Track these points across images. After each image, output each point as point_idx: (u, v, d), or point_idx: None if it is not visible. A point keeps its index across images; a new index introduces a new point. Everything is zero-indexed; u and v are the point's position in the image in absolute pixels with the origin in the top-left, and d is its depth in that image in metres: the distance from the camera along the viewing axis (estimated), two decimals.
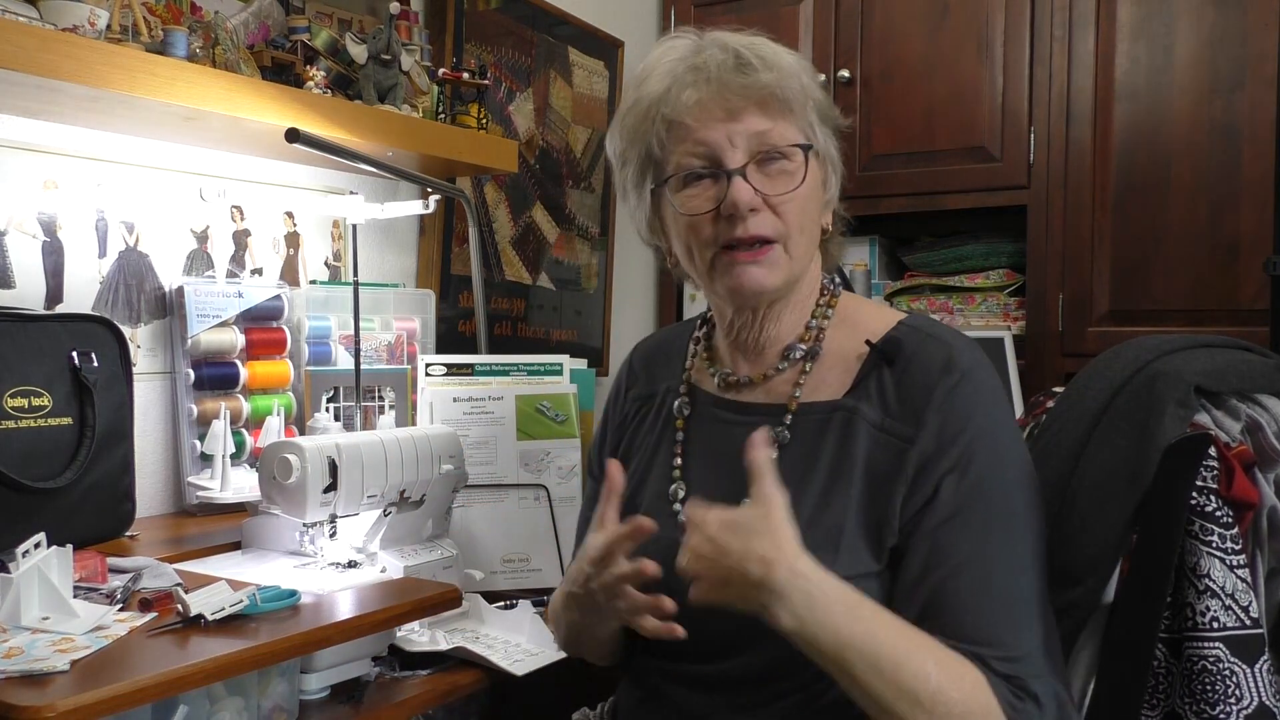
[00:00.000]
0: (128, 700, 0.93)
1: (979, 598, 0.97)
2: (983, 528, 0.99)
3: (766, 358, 1.13)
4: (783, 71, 1.05)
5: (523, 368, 1.79)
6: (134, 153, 1.68)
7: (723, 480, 1.08)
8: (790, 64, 1.07)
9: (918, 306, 2.60)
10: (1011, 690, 0.95)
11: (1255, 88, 2.16)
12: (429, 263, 2.22)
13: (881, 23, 2.58)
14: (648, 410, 1.23)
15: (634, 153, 1.10)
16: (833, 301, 1.13)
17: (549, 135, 2.54)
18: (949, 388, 1.02)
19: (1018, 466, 1.03)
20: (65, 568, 1.10)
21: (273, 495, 1.36)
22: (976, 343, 1.09)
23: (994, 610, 0.97)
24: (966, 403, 1.02)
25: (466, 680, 1.35)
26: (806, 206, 1.06)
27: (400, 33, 1.81)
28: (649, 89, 1.07)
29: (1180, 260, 2.25)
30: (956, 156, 2.50)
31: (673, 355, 1.24)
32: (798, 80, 1.06)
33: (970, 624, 0.96)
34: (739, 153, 1.04)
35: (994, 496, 1.00)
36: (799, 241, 1.06)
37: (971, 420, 1.01)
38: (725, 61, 1.04)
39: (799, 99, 1.05)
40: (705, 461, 1.14)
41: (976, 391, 1.03)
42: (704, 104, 1.03)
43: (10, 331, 1.36)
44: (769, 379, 1.12)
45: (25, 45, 1.24)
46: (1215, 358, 1.15)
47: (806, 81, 1.07)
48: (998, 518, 0.99)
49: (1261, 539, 1.08)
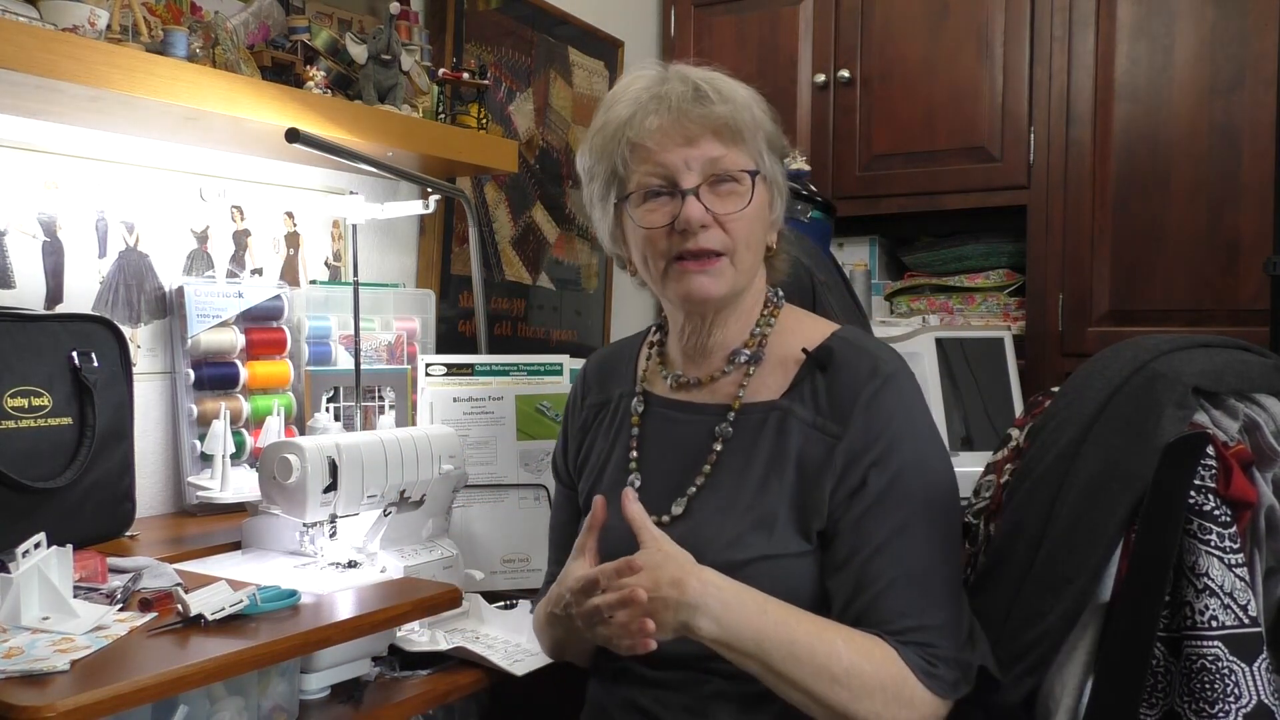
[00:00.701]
0: (128, 700, 0.93)
1: (896, 575, 1.09)
2: (901, 514, 1.10)
3: (713, 361, 1.24)
4: (736, 104, 1.16)
5: (523, 368, 1.79)
6: (134, 153, 1.68)
7: (674, 471, 1.21)
8: (744, 97, 1.17)
9: (918, 306, 2.60)
10: (925, 659, 1.06)
11: (1255, 88, 2.16)
12: (429, 263, 2.23)
13: (881, 23, 2.58)
14: (604, 415, 1.33)
15: (600, 169, 1.21)
16: (775, 312, 1.25)
17: (549, 135, 2.54)
18: (873, 391, 1.13)
19: (935, 462, 1.15)
20: (65, 568, 1.10)
21: (273, 495, 1.36)
22: (899, 355, 1.20)
23: (909, 587, 1.08)
24: (889, 404, 1.13)
25: (466, 680, 1.35)
26: (753, 225, 1.17)
27: (400, 33, 1.82)
28: (616, 113, 1.18)
29: (1180, 260, 2.25)
30: (956, 156, 2.50)
31: (624, 363, 1.35)
32: (750, 112, 1.17)
33: (889, 599, 1.08)
34: (694, 175, 1.14)
35: (912, 487, 1.11)
36: (744, 256, 1.17)
37: (894, 420, 1.13)
38: (685, 93, 1.15)
39: (750, 129, 1.16)
40: (658, 455, 1.24)
41: (899, 395, 1.14)
42: (664, 130, 1.14)
43: (10, 331, 1.36)
44: (715, 380, 1.23)
45: (25, 45, 1.25)
46: (1214, 357, 1.15)
47: (758, 114, 1.18)
48: (915, 506, 1.11)
49: (1260, 538, 1.08)
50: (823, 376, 1.16)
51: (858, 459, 1.11)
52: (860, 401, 1.13)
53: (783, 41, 2.69)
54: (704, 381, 1.23)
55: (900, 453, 1.11)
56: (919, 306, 2.60)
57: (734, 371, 1.22)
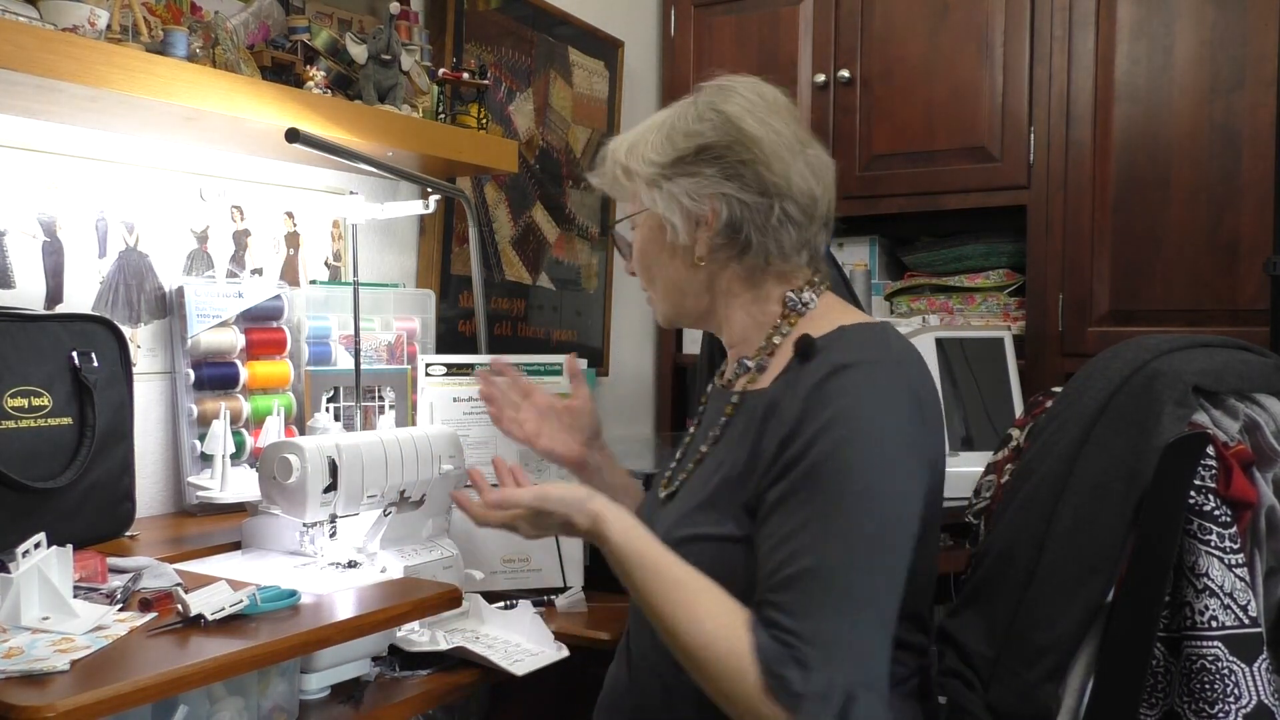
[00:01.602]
0: (128, 700, 0.93)
1: (785, 571, 1.03)
2: (810, 508, 1.04)
3: (730, 364, 1.29)
4: (603, 171, 1.29)
5: (523, 368, 1.79)
6: (134, 153, 1.68)
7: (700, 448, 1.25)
8: (608, 159, 1.28)
9: (918, 306, 2.60)
10: (780, 660, 0.99)
11: (1255, 88, 2.16)
12: (429, 263, 2.22)
13: (881, 23, 2.58)
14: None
15: None
16: (793, 320, 1.22)
17: (549, 135, 2.54)
18: (824, 375, 1.09)
19: (869, 463, 1.05)
20: (65, 568, 1.10)
21: (273, 495, 1.36)
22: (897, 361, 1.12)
23: (795, 585, 1.02)
24: (837, 390, 1.08)
25: (466, 680, 1.35)
26: (644, 260, 1.29)
27: (400, 33, 1.81)
28: None
29: (1180, 260, 2.25)
30: (956, 156, 2.50)
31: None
32: (614, 169, 1.27)
33: (773, 590, 1.03)
34: None
35: (828, 481, 1.04)
36: (655, 288, 1.30)
37: (832, 404, 1.07)
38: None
39: (620, 183, 1.27)
40: (698, 439, 1.29)
41: (854, 385, 1.08)
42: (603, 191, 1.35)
43: (10, 331, 1.36)
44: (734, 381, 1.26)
45: (25, 45, 1.25)
46: (1214, 357, 1.15)
47: (630, 161, 1.25)
48: (827, 502, 1.04)
49: (1260, 538, 1.08)
50: (801, 365, 1.14)
51: (787, 443, 1.08)
52: (810, 385, 1.09)
53: (783, 41, 2.69)
54: (726, 384, 1.28)
55: (825, 442, 1.05)
56: (919, 306, 2.60)
57: (745, 375, 1.23)
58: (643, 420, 2.97)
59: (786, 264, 1.22)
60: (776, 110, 1.21)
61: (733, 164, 1.18)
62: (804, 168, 1.19)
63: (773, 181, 1.18)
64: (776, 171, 1.18)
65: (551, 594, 1.67)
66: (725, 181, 1.18)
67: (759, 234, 1.19)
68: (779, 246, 1.20)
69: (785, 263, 1.21)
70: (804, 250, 1.22)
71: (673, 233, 1.22)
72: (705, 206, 1.19)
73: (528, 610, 1.52)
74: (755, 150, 1.18)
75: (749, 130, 1.18)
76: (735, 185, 1.18)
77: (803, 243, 1.21)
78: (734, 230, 1.19)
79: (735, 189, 1.18)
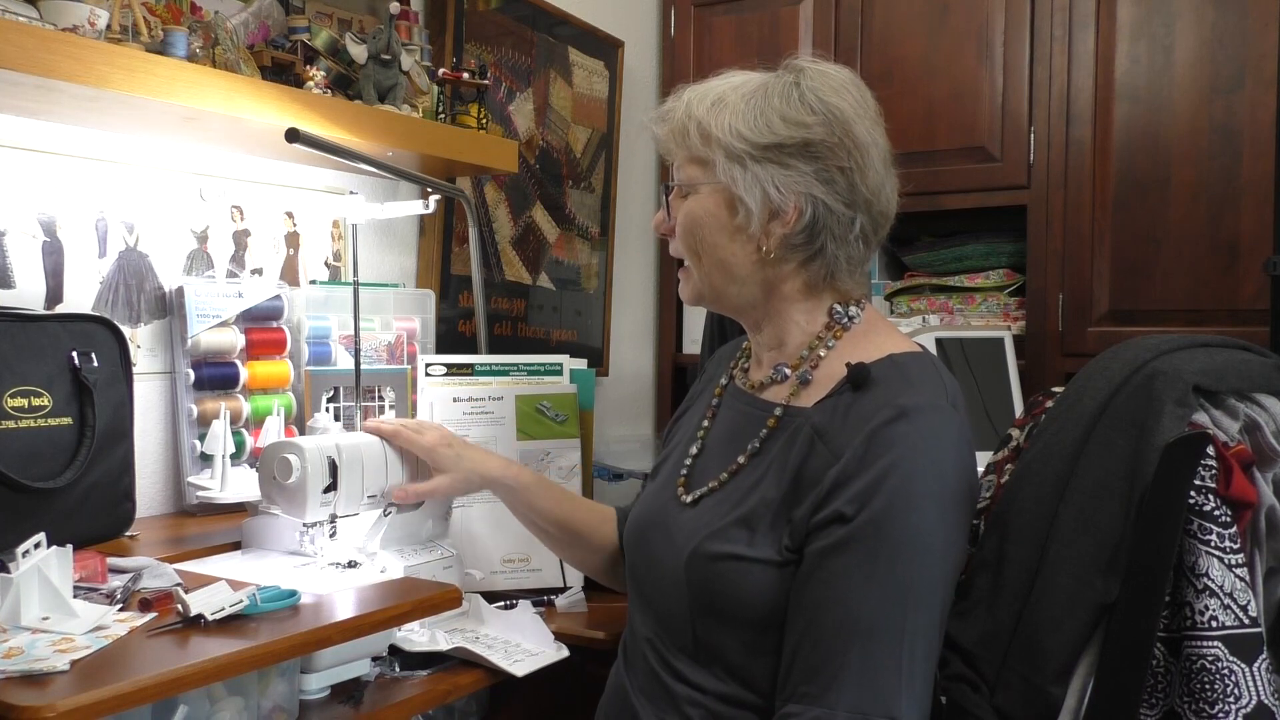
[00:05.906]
0: (128, 700, 0.93)
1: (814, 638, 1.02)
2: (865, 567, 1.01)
3: (763, 368, 1.24)
4: (672, 123, 1.20)
5: (523, 368, 1.79)
6: (134, 153, 1.68)
7: (727, 455, 1.21)
8: (679, 117, 1.19)
9: (918, 306, 2.60)
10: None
11: (1255, 88, 2.16)
12: (429, 263, 2.22)
13: (881, 23, 2.58)
14: (706, 392, 1.37)
15: None
16: (839, 334, 1.19)
17: (549, 135, 2.54)
18: (885, 420, 1.05)
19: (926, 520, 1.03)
20: (65, 568, 1.10)
21: (273, 495, 1.36)
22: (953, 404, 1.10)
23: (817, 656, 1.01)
24: (899, 437, 1.04)
25: (466, 680, 1.35)
26: (696, 231, 1.19)
27: (400, 33, 1.81)
28: None
29: (1180, 260, 2.25)
30: (956, 156, 2.50)
31: (734, 351, 1.38)
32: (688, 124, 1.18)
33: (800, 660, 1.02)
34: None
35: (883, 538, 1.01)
36: (699, 263, 1.20)
37: (893, 452, 1.03)
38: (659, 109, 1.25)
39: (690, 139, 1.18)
40: (719, 436, 1.26)
41: (913, 432, 1.04)
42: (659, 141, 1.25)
43: (10, 331, 1.36)
44: (765, 386, 1.23)
45: (25, 45, 1.24)
46: (1214, 357, 1.15)
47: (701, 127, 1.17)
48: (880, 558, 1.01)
49: (1260, 538, 1.08)
50: (855, 395, 1.11)
51: (841, 482, 1.04)
52: (869, 427, 1.05)
53: (783, 41, 2.69)
54: (755, 386, 1.23)
55: (884, 495, 1.01)
56: (919, 306, 2.60)
57: (783, 383, 1.20)
58: (643, 420, 2.97)
59: (848, 278, 1.19)
60: (879, 119, 1.17)
61: (831, 168, 1.13)
62: (890, 186, 1.17)
63: (864, 195, 1.14)
64: (870, 185, 1.14)
65: (551, 594, 1.66)
66: (817, 183, 1.13)
67: (834, 244, 1.15)
68: (848, 259, 1.17)
69: (848, 277, 1.19)
70: (863, 266, 1.20)
71: (744, 216, 1.15)
72: (789, 203, 1.13)
73: (528, 610, 1.52)
74: (858, 158, 1.13)
75: (859, 137, 1.13)
76: (826, 189, 1.13)
77: (865, 259, 1.19)
78: (811, 235, 1.15)
79: (825, 193, 1.13)
